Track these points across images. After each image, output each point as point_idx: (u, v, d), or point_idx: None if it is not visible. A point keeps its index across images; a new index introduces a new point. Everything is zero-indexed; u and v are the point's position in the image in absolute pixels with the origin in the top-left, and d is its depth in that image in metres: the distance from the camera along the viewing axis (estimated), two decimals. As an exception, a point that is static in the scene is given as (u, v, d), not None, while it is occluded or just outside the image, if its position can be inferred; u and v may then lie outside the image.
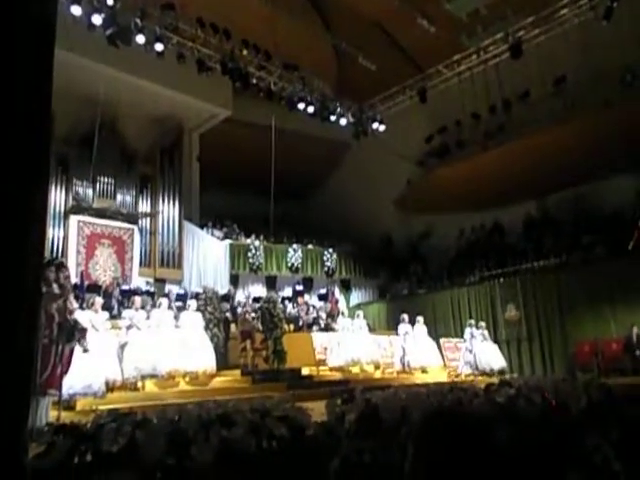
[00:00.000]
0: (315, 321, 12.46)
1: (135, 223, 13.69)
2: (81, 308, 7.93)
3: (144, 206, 14.17)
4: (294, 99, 12.84)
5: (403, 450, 1.34)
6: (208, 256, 14.96)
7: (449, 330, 13.98)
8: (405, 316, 12.04)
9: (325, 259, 16.57)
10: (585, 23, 11.16)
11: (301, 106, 12.99)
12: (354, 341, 11.10)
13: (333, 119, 13.87)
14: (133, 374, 8.02)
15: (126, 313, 8.95)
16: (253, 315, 10.68)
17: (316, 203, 19.14)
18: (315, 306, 13.47)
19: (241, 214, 16.31)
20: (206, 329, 9.65)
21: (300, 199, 18.80)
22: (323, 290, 15.41)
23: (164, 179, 14.60)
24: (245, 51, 11.76)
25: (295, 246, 16.16)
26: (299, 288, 14.92)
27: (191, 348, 8.89)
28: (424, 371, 11.44)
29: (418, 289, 16.18)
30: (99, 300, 8.31)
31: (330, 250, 16.69)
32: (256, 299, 12.09)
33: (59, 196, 12.74)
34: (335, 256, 16.74)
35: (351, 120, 14.33)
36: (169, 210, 14.50)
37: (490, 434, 1.50)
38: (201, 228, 15.35)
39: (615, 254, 11.78)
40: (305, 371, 10.35)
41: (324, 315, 12.72)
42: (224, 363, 9.83)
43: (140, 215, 13.85)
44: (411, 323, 12.01)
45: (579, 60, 12.23)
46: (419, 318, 12.21)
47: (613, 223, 12.59)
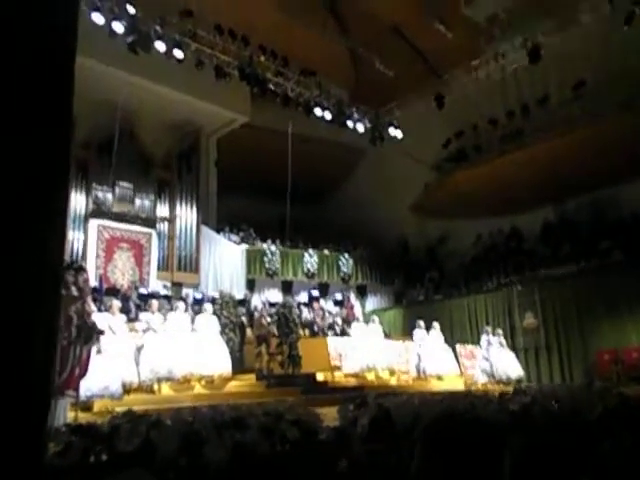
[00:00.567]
0: (331, 326, 12.45)
1: (153, 227, 13.84)
2: (99, 311, 8.03)
3: (162, 210, 14.32)
4: (311, 105, 12.90)
5: (412, 452, 1.35)
6: (225, 260, 15.06)
7: (465, 337, 13.85)
8: (421, 322, 11.98)
9: (341, 264, 16.57)
10: (604, 27, 11.05)
11: (318, 112, 13.04)
12: (369, 347, 11.05)
13: (350, 124, 13.90)
14: (149, 377, 8.11)
15: (143, 316, 9.05)
16: (269, 320, 10.71)
17: (332, 208, 19.15)
18: (331, 311, 13.46)
19: (258, 219, 16.39)
20: (222, 333, 9.72)
21: (316, 204, 18.83)
22: (339, 295, 15.40)
23: (182, 184, 14.75)
24: (262, 57, 11.86)
25: (311, 251, 16.19)
26: (315, 293, 14.93)
27: (207, 352, 8.96)
28: (440, 378, 11.36)
29: (434, 295, 16.08)
30: (117, 303, 8.42)
31: (346, 255, 16.68)
32: (272, 304, 12.14)
33: (79, 200, 12.93)
34: (351, 262, 16.72)
35: (368, 126, 14.35)
36: (187, 214, 14.64)
37: (500, 438, 1.49)
38: (218, 232, 15.45)
39: (634, 259, 11.59)
40: (320, 377, 10.33)
41: (340, 321, 12.70)
42: (239, 367, 9.87)
43: (158, 219, 14.01)
44: (427, 329, 11.94)
45: (598, 64, 12.10)
46: (435, 324, 12.13)
47: (632, 228, 12.40)
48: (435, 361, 11.45)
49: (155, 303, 9.49)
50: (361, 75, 15.47)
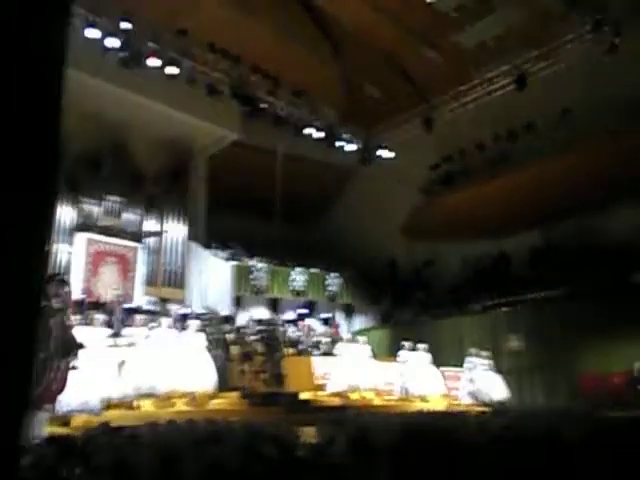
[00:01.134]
0: (316, 345, 12.41)
1: (140, 241, 13.78)
2: (81, 324, 7.94)
3: (150, 225, 14.28)
4: (301, 124, 13.04)
5: (384, 469, 1.36)
6: (212, 277, 15.00)
7: (451, 358, 13.84)
8: (406, 343, 11.96)
9: (328, 283, 16.56)
10: (589, 56, 11.34)
11: (308, 131, 13.18)
12: (354, 367, 11.02)
13: (340, 145, 14.04)
14: (131, 393, 7.99)
15: (126, 331, 8.97)
16: (254, 338, 10.65)
17: (321, 227, 19.22)
18: (317, 330, 13.42)
19: (246, 236, 16.38)
20: (207, 349, 9.64)
21: (305, 223, 18.89)
22: (325, 314, 15.38)
23: (171, 199, 14.72)
24: (254, 77, 12.01)
25: (299, 269, 16.18)
26: (301, 312, 14.90)
27: (191, 368, 8.87)
28: (424, 399, 11.31)
29: (421, 316, 16.10)
30: (99, 317, 8.33)
31: (333, 274, 16.69)
32: (258, 321, 12.08)
33: (66, 213, 12.86)
34: (338, 280, 16.73)
35: (358, 146, 14.51)
36: (175, 230, 14.60)
37: (471, 458, 1.51)
38: (206, 249, 15.41)
39: (620, 285, 11.71)
40: (304, 395, 10.26)
41: (325, 340, 12.66)
42: (223, 384, 9.77)
43: (145, 234, 13.96)
44: (413, 350, 11.93)
45: (584, 91, 12.38)
46: (421, 345, 12.12)
47: (618, 253, 12.55)
48: (419, 382, 11.42)
49: (139, 318, 9.41)
50: (352, 96, 15.68)
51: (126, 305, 11.78)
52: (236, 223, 16.55)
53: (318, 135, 13.39)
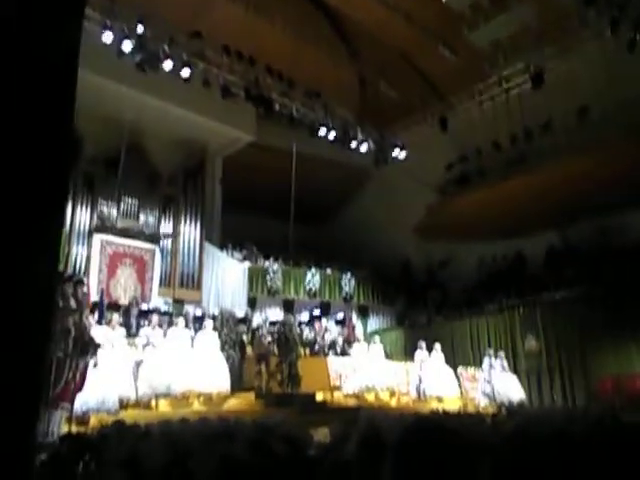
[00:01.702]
0: (331, 346, 12.39)
1: (157, 243, 13.89)
2: (99, 325, 8.05)
3: (166, 227, 14.39)
4: (316, 125, 13.05)
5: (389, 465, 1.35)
6: (227, 278, 15.07)
7: (467, 359, 13.75)
8: (422, 343, 11.91)
9: (343, 284, 16.54)
10: (608, 53, 11.17)
11: (323, 132, 13.19)
12: (370, 368, 11.00)
13: (354, 145, 14.03)
14: (147, 392, 8.08)
15: (143, 331, 9.06)
16: (269, 338, 10.68)
17: (336, 227, 19.21)
18: (332, 331, 13.41)
19: (261, 237, 16.45)
20: (222, 350, 9.70)
21: (320, 223, 18.90)
22: (340, 315, 15.36)
23: (187, 201, 14.84)
24: (269, 78, 12.04)
25: (313, 270, 16.19)
26: (316, 312, 14.90)
27: (206, 369, 8.93)
28: (440, 400, 11.24)
29: (436, 317, 16.00)
30: (116, 317, 8.43)
31: (348, 275, 16.67)
32: (273, 322, 12.11)
33: (84, 215, 13.02)
34: (353, 281, 16.70)
35: (372, 146, 14.48)
36: (190, 231, 14.70)
37: (480, 454, 1.50)
38: (221, 250, 15.49)
39: (638, 285, 11.52)
40: (319, 396, 10.26)
41: (340, 340, 12.65)
42: (239, 385, 9.82)
43: (162, 236, 14.07)
44: (429, 351, 11.87)
45: (602, 90, 12.19)
46: (437, 346, 12.06)
47: (636, 254, 12.35)
48: (436, 383, 11.35)
49: (155, 318, 9.51)
50: (367, 96, 15.65)
51: (143, 306, 11.90)
52: (251, 224, 16.63)
53: (333, 135, 13.39)
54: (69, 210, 12.70)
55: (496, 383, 11.43)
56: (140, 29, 10.26)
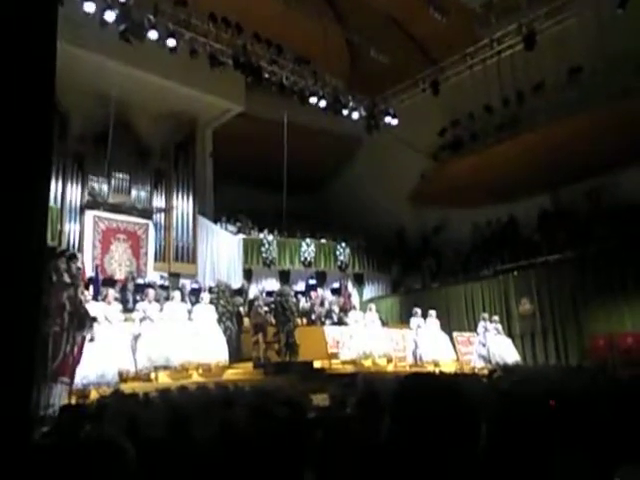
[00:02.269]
0: (328, 315, 12.49)
1: (150, 218, 13.84)
2: (95, 300, 8.05)
3: (159, 201, 14.30)
4: (306, 93, 12.87)
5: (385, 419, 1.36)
6: (222, 251, 15.07)
7: (462, 324, 13.92)
8: (418, 310, 12.03)
9: (338, 253, 16.58)
10: (600, 12, 10.99)
11: (313, 100, 13.01)
12: (366, 334, 11.13)
13: (345, 113, 13.87)
14: (146, 365, 8.15)
15: (140, 305, 9.09)
16: (266, 309, 10.75)
17: (329, 197, 19.15)
18: (328, 300, 13.50)
19: (254, 208, 16.39)
20: (219, 322, 9.77)
21: (313, 193, 18.82)
22: (336, 284, 15.45)
23: (178, 174, 14.72)
24: (257, 45, 11.81)
25: (308, 240, 16.19)
26: (312, 282, 14.98)
27: (204, 340, 9.01)
28: (437, 365, 11.41)
29: (431, 283, 16.12)
30: (112, 292, 8.44)
31: (343, 244, 16.69)
32: (269, 293, 12.18)
33: (75, 192, 12.91)
34: (348, 250, 16.74)
35: (363, 114, 14.32)
36: (183, 205, 14.62)
37: (478, 409, 1.51)
38: (215, 223, 15.45)
39: (629, 246, 11.61)
40: (317, 364, 10.38)
41: (337, 309, 12.75)
42: (237, 356, 9.92)
43: (155, 210, 14.00)
44: (424, 317, 11.99)
45: (594, 49, 12.03)
46: (431, 312, 12.18)
47: (628, 215, 12.40)
48: (432, 348, 11.51)
49: (152, 292, 9.53)
50: (356, 63, 15.41)
51: (139, 281, 11.91)
52: (244, 196, 16.55)
53: (323, 104, 13.21)
54: (59, 187, 12.59)
55: (491, 346, 11.60)
56: (122, -2, 9.99)
